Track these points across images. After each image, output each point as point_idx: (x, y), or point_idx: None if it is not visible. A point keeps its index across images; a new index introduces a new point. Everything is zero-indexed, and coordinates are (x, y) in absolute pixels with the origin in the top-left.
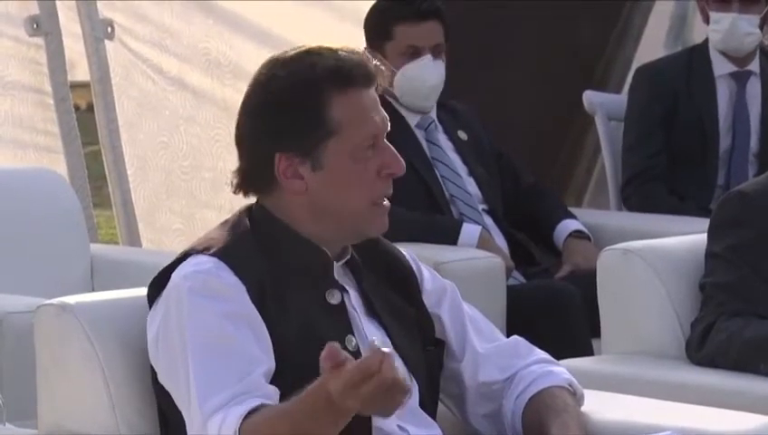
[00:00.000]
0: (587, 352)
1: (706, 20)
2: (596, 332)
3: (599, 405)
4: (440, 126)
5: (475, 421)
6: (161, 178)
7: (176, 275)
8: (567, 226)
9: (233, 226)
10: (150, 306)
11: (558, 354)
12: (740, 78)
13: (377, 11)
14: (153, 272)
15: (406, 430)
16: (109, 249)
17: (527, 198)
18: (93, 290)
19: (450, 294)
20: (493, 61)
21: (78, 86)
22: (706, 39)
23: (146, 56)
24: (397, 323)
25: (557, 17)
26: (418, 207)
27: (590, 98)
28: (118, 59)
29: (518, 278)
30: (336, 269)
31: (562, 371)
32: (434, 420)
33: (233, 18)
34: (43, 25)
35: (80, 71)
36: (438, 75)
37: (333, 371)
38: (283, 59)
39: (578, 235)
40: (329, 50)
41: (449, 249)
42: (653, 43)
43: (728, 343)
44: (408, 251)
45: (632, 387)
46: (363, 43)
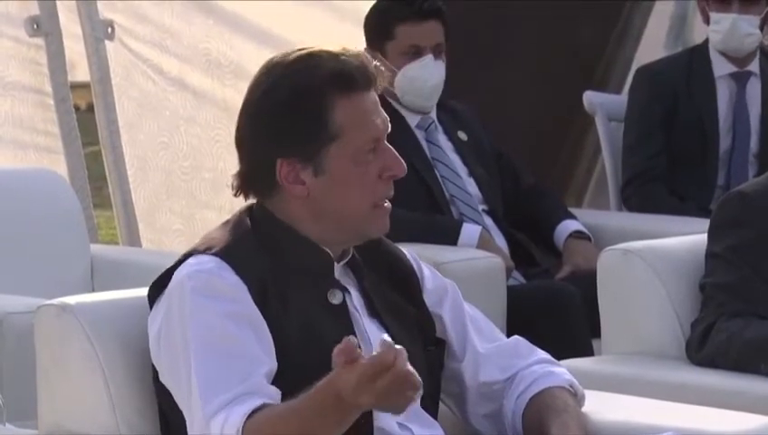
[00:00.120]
0: (587, 352)
1: (707, 20)
2: (596, 332)
3: (599, 405)
4: (440, 126)
5: (476, 421)
6: (161, 179)
7: (177, 274)
8: (567, 226)
9: (234, 226)
10: (151, 307)
11: (558, 355)
12: (740, 78)
13: (378, 11)
14: (153, 272)
15: (409, 428)
16: (109, 249)
17: (527, 199)
18: (93, 290)
19: (451, 294)
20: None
21: (78, 86)
22: (707, 39)
23: (146, 57)
24: (397, 322)
25: (557, 17)
26: (419, 208)
27: (590, 98)
28: (118, 59)
29: (518, 279)
30: (337, 269)
31: (563, 371)
32: (435, 420)
33: (233, 18)
34: (44, 26)
35: (80, 71)
36: (439, 75)
37: (347, 365)
38: (284, 62)
39: (578, 235)
40: (330, 53)
41: (449, 249)
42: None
43: (728, 344)
44: (410, 250)
45: (632, 387)
46: (363, 44)
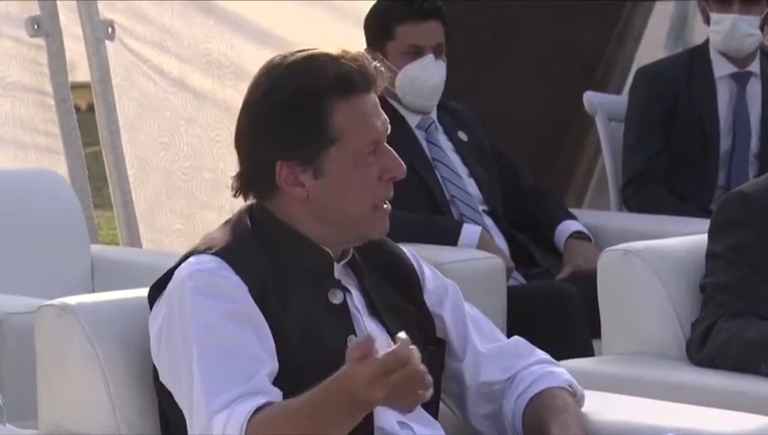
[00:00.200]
0: (587, 352)
1: (707, 21)
2: (596, 332)
3: (599, 406)
4: (440, 127)
5: (476, 421)
6: (162, 179)
7: (178, 274)
8: (567, 227)
9: (234, 226)
10: (151, 307)
11: (558, 355)
12: (740, 79)
13: (378, 11)
14: (153, 272)
15: (409, 427)
16: (109, 250)
17: (527, 199)
18: (94, 291)
19: (452, 294)
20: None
21: (79, 87)
22: (707, 40)
23: (146, 57)
24: (397, 322)
25: (557, 17)
26: (419, 208)
27: (590, 98)
28: (118, 60)
29: (518, 279)
30: (338, 269)
31: (563, 371)
32: (436, 420)
33: (233, 19)
34: (44, 26)
35: (80, 71)
36: (440, 75)
37: (362, 360)
38: (284, 64)
39: (578, 236)
40: (329, 56)
41: (449, 250)
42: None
43: (729, 344)
44: (410, 250)
45: (632, 388)
46: (363, 44)
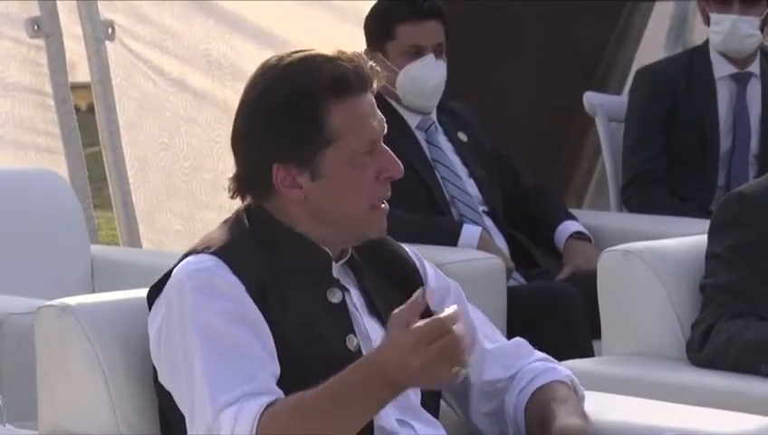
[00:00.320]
0: (587, 353)
1: (707, 21)
2: (596, 333)
3: (599, 406)
4: (440, 127)
5: (477, 419)
6: (162, 180)
7: (176, 273)
8: (567, 227)
9: (232, 225)
10: (150, 308)
11: (558, 355)
12: (740, 79)
13: (378, 11)
14: (153, 273)
15: (410, 426)
16: (109, 250)
17: (528, 200)
18: (94, 291)
19: (454, 293)
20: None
21: (78, 87)
22: (707, 40)
23: (146, 57)
24: None
25: (557, 17)
26: (419, 209)
27: (590, 99)
28: (118, 60)
29: (518, 280)
30: (336, 269)
31: (564, 368)
32: (437, 419)
33: (233, 19)
34: (44, 27)
35: (80, 72)
36: (440, 74)
37: (408, 325)
38: (280, 66)
39: (578, 236)
40: (325, 57)
41: (449, 250)
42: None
43: (729, 345)
44: (413, 250)
45: (633, 388)
46: (363, 44)
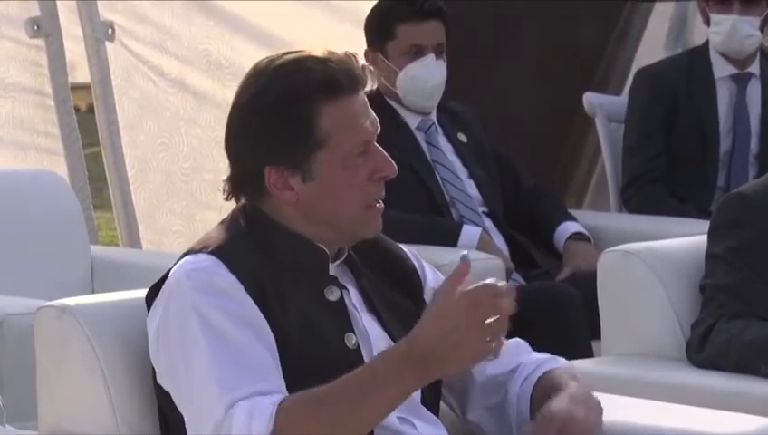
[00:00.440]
0: (587, 353)
1: (707, 22)
2: (596, 333)
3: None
4: (440, 128)
5: (477, 415)
6: (162, 180)
7: (174, 273)
8: (567, 228)
9: (228, 225)
10: (149, 309)
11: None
12: (740, 80)
13: (379, 11)
14: (153, 273)
15: (411, 423)
16: (109, 251)
17: (527, 200)
18: (93, 292)
19: None
20: (493, 61)
21: (78, 88)
22: (707, 41)
23: (146, 58)
24: (396, 319)
25: (557, 17)
26: (419, 210)
27: (590, 99)
28: (118, 60)
29: (518, 280)
30: (334, 268)
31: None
32: (437, 418)
33: (233, 19)
34: (44, 27)
35: (80, 72)
36: (441, 74)
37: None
38: (271, 67)
39: (578, 237)
40: (315, 58)
41: (449, 251)
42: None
43: (728, 345)
44: (411, 250)
45: (632, 389)
46: (363, 44)
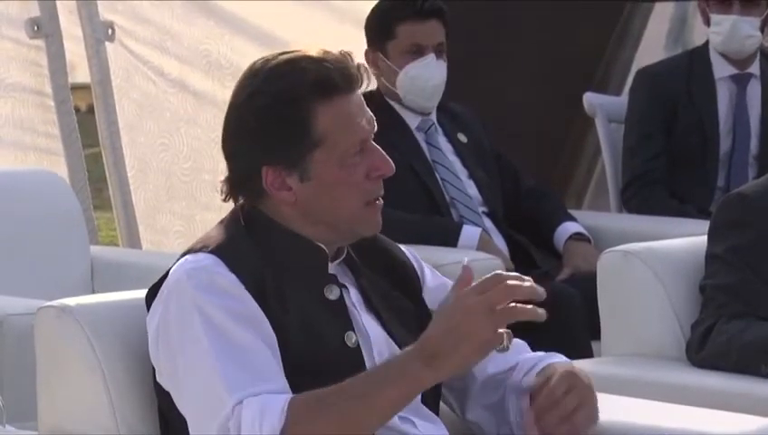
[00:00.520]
0: (587, 354)
1: (707, 22)
2: (596, 334)
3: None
4: (440, 129)
5: (476, 414)
6: (162, 180)
7: (174, 273)
8: (567, 228)
9: (227, 224)
10: (149, 309)
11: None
12: (740, 80)
13: (379, 11)
14: (153, 274)
15: (411, 422)
16: (109, 251)
17: (527, 200)
18: (93, 292)
19: None
20: (493, 61)
21: (78, 88)
22: (707, 41)
23: (146, 58)
24: (396, 319)
25: (557, 18)
26: (419, 210)
27: (590, 100)
28: (118, 61)
29: None
30: (333, 267)
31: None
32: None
33: (233, 20)
34: (44, 27)
35: (80, 73)
36: (441, 74)
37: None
38: (266, 67)
39: (578, 237)
40: (310, 58)
41: (449, 251)
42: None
43: (728, 345)
44: (410, 250)
45: (632, 389)
46: (363, 44)
